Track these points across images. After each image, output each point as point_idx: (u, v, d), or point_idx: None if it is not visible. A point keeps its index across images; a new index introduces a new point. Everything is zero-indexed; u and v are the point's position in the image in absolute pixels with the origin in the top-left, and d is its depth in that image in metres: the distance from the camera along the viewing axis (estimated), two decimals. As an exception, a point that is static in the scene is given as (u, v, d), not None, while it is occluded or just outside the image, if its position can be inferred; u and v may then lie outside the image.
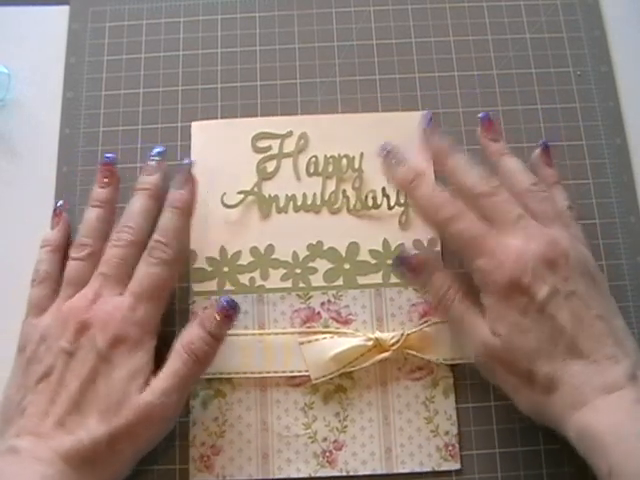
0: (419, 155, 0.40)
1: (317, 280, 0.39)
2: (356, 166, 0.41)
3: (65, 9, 0.45)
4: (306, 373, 0.37)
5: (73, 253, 0.37)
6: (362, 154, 0.41)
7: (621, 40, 0.44)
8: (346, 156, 0.41)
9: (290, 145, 0.41)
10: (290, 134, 0.42)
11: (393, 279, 0.39)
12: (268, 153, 0.41)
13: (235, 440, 0.37)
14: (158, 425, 0.34)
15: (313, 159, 0.41)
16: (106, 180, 0.38)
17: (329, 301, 0.39)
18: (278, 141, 0.41)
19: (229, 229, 0.40)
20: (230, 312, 0.35)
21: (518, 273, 0.32)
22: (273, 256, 0.39)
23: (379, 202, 0.40)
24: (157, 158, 0.39)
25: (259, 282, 0.39)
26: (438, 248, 0.39)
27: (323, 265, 0.39)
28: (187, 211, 0.38)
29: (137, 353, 0.33)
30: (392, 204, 0.40)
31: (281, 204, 0.40)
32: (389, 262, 0.39)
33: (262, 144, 0.41)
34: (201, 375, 0.35)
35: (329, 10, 0.45)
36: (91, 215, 0.37)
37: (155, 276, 0.35)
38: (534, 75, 0.43)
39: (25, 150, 0.42)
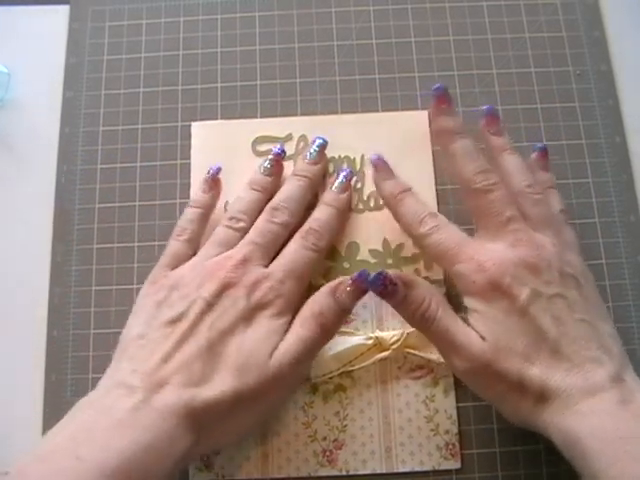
0: (419, 155, 0.40)
1: (317, 279, 0.39)
2: (357, 168, 0.41)
3: (65, 9, 0.45)
4: (306, 372, 0.37)
5: (227, 222, 0.37)
6: (363, 156, 0.41)
7: (620, 39, 0.44)
8: (347, 158, 0.41)
9: (290, 148, 0.41)
10: (290, 137, 0.42)
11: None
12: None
13: (235, 439, 0.37)
14: (280, 391, 0.34)
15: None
16: (273, 171, 0.39)
17: (329, 300, 0.39)
18: (278, 145, 0.41)
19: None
20: (363, 285, 0.34)
21: (498, 274, 0.32)
22: (273, 255, 0.39)
23: (381, 203, 0.40)
24: (317, 149, 0.39)
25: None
26: None
27: (323, 264, 0.39)
28: (341, 214, 0.39)
29: (277, 320, 0.33)
30: None
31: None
32: (389, 262, 0.39)
33: (262, 148, 0.41)
34: (324, 345, 0.35)
35: (328, 10, 0.45)
36: (251, 195, 0.38)
37: (307, 259, 0.36)
38: (534, 74, 0.43)
39: (25, 149, 0.42)
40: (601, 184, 0.41)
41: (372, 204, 0.40)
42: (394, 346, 0.37)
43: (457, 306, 0.34)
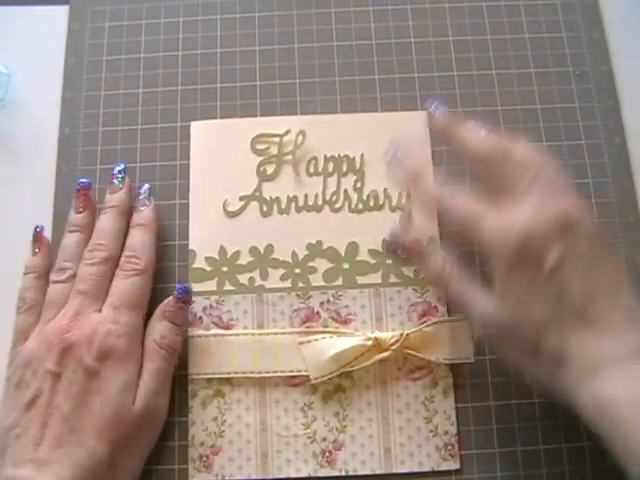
0: (419, 154, 0.40)
1: (316, 280, 0.39)
2: (357, 167, 0.41)
3: (65, 9, 0.45)
4: (305, 373, 0.37)
5: (54, 277, 0.37)
6: (362, 155, 0.41)
7: (620, 40, 0.44)
8: (346, 157, 0.41)
9: (289, 145, 0.41)
10: (288, 132, 0.41)
11: (392, 279, 0.39)
12: (268, 155, 0.41)
13: (234, 440, 0.36)
14: (154, 428, 0.35)
15: (313, 160, 0.41)
16: (82, 205, 0.39)
17: (328, 301, 0.39)
18: (277, 143, 0.41)
19: (228, 229, 0.40)
20: (187, 298, 0.37)
21: (524, 242, 0.31)
22: (272, 256, 0.39)
23: (381, 203, 0.40)
24: (120, 176, 0.39)
25: (258, 282, 0.39)
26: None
27: (322, 265, 0.39)
28: (151, 227, 0.38)
29: (127, 364, 0.34)
30: (394, 205, 0.40)
31: (283, 206, 0.40)
32: (389, 262, 0.39)
33: (261, 146, 0.41)
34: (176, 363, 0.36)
35: (328, 10, 0.45)
36: (71, 239, 0.38)
37: (130, 286, 0.36)
38: (533, 75, 0.43)
39: (24, 150, 0.42)
40: (601, 185, 0.41)
41: (372, 204, 0.40)
42: (393, 347, 0.36)
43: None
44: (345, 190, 0.41)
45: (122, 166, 0.40)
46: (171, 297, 0.36)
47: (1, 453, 0.33)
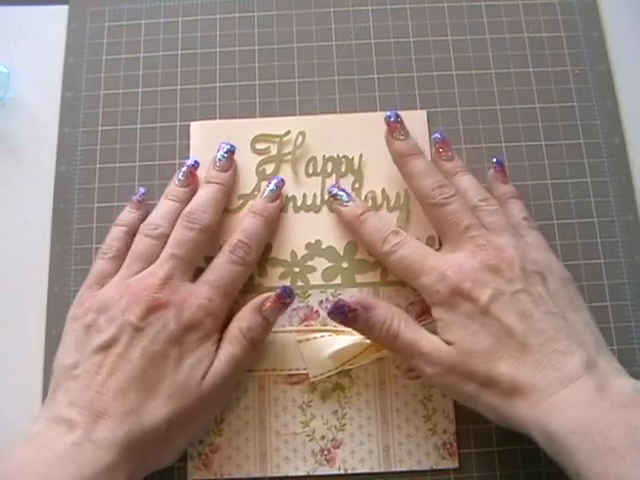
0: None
1: (315, 279, 0.39)
2: (355, 167, 0.41)
3: (64, 9, 0.45)
4: (304, 371, 0.37)
5: (145, 229, 0.37)
6: (361, 155, 0.41)
7: (619, 39, 0.44)
8: (345, 157, 0.41)
9: (288, 145, 0.41)
10: (288, 134, 0.42)
11: (391, 277, 0.39)
12: (267, 155, 0.41)
13: (233, 438, 0.37)
14: (213, 408, 0.35)
15: (312, 161, 0.41)
16: (187, 181, 0.38)
17: (327, 299, 0.39)
18: (277, 143, 0.41)
19: (228, 228, 0.40)
20: (287, 299, 0.35)
21: (458, 280, 0.32)
22: (271, 254, 0.39)
23: (379, 203, 0.40)
24: (226, 155, 0.39)
25: (257, 280, 0.39)
26: (437, 246, 0.39)
27: (321, 264, 0.39)
28: (271, 222, 0.38)
29: (207, 342, 0.34)
30: (392, 206, 0.40)
31: (281, 205, 0.40)
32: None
33: (261, 146, 0.41)
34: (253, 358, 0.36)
35: (327, 10, 0.45)
36: (167, 205, 0.38)
37: (234, 273, 0.36)
38: (532, 74, 0.43)
39: (24, 149, 0.43)
40: (599, 184, 0.41)
41: (370, 204, 0.40)
42: (392, 345, 0.37)
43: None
44: (344, 190, 0.41)
45: (231, 146, 0.39)
46: (273, 294, 0.35)
47: (53, 387, 0.33)
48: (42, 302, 0.39)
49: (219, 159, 0.39)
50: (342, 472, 0.36)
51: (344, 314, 0.33)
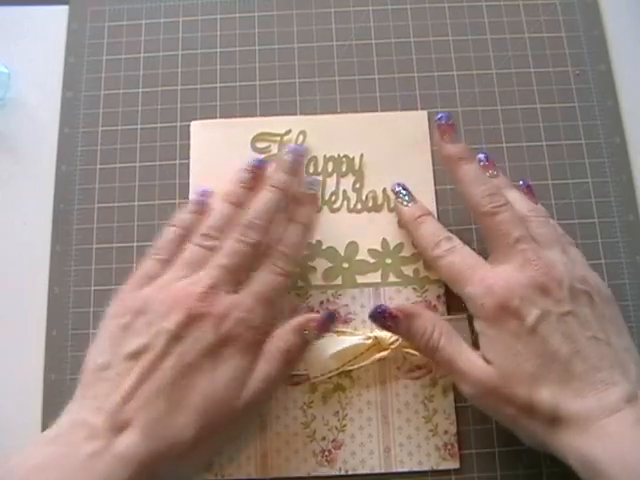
0: (418, 155, 0.40)
1: (316, 279, 0.39)
2: (356, 167, 0.41)
3: (64, 9, 0.45)
4: (305, 372, 0.37)
5: (200, 240, 0.35)
6: (362, 155, 0.41)
7: (620, 39, 0.44)
8: (346, 157, 0.41)
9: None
10: (289, 133, 0.42)
11: (392, 278, 0.39)
12: (268, 154, 0.41)
13: (234, 439, 0.37)
14: (243, 427, 0.34)
15: (313, 160, 0.41)
16: (252, 183, 0.37)
17: (328, 300, 0.39)
18: (277, 142, 0.41)
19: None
20: (329, 325, 0.35)
21: (506, 297, 0.32)
22: (272, 255, 0.39)
23: (379, 203, 0.40)
24: (291, 156, 0.38)
25: (258, 281, 0.39)
26: None
27: (322, 264, 0.39)
28: (311, 228, 0.38)
29: (246, 357, 0.32)
30: (392, 206, 0.40)
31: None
32: (388, 261, 0.39)
33: (261, 145, 0.41)
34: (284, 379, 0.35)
35: (328, 10, 0.45)
36: (226, 209, 0.36)
37: (277, 284, 0.35)
38: (533, 74, 0.43)
39: (24, 149, 0.42)
40: (600, 184, 0.41)
41: (370, 204, 0.40)
42: (393, 346, 0.36)
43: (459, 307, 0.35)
44: (344, 191, 0.41)
45: (300, 147, 0.39)
46: (317, 316, 0.35)
47: (83, 384, 0.32)
48: (42, 302, 0.39)
49: (289, 162, 0.37)
50: (343, 473, 0.36)
51: (384, 319, 0.33)
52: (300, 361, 0.35)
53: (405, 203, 0.39)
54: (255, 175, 0.37)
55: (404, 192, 0.39)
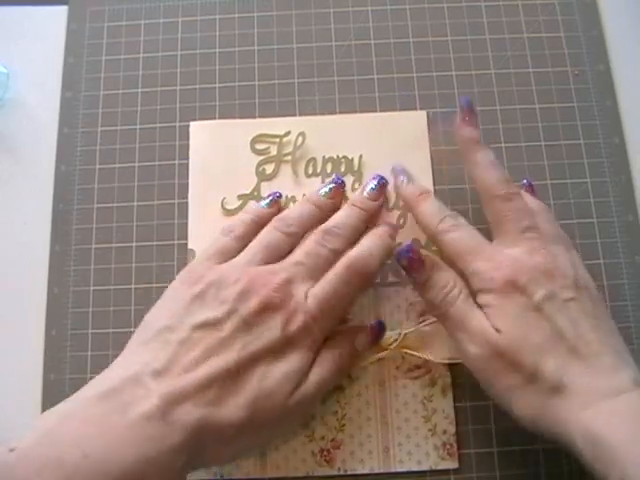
0: (417, 155, 0.40)
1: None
2: (355, 168, 0.41)
3: (64, 9, 0.45)
4: (304, 372, 0.37)
5: (279, 224, 0.36)
6: (361, 156, 0.41)
7: (619, 39, 0.44)
8: (345, 157, 0.41)
9: (288, 146, 0.41)
10: (288, 134, 0.42)
11: (391, 278, 0.39)
12: (267, 155, 0.41)
13: (233, 439, 0.37)
14: (289, 425, 0.35)
15: (312, 161, 0.41)
16: (332, 195, 0.39)
17: (327, 300, 0.39)
18: (276, 143, 0.41)
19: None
20: (380, 333, 0.36)
21: (515, 273, 0.32)
22: (271, 255, 0.39)
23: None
24: (378, 185, 0.39)
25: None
26: (434, 247, 0.39)
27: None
28: (388, 248, 0.37)
29: (302, 359, 0.33)
30: (391, 206, 0.40)
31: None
32: (388, 261, 0.39)
33: (261, 146, 0.41)
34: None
35: (327, 10, 0.45)
36: (307, 210, 0.37)
37: (347, 296, 0.35)
38: (532, 74, 0.43)
39: (23, 149, 0.42)
40: (599, 184, 0.41)
41: (370, 204, 0.40)
42: (392, 346, 0.37)
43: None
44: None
45: (382, 180, 0.39)
46: (367, 326, 0.36)
47: (139, 342, 0.32)
48: (42, 302, 0.39)
49: (372, 187, 0.39)
50: (342, 473, 0.36)
51: (410, 260, 0.34)
52: (351, 368, 0.36)
53: (406, 183, 0.38)
54: (337, 189, 0.39)
55: (403, 177, 0.39)
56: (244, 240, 0.36)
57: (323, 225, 0.36)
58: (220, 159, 0.41)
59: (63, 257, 0.40)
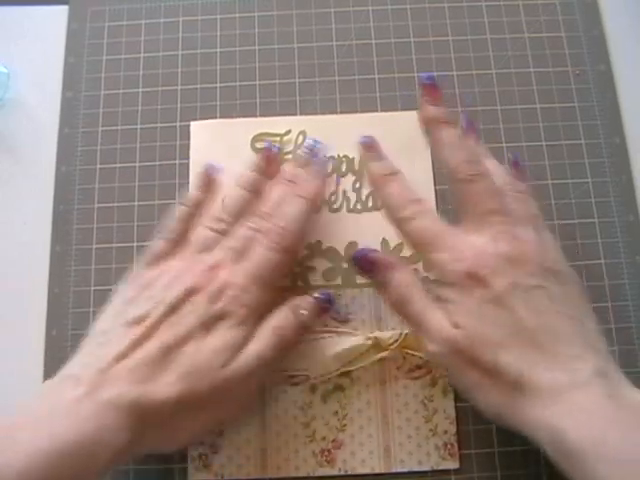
0: (418, 155, 0.40)
1: (316, 279, 0.39)
2: (356, 167, 0.41)
3: (64, 9, 0.45)
4: (305, 372, 0.37)
5: (211, 222, 0.36)
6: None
7: (619, 39, 0.44)
8: (345, 157, 0.41)
9: (289, 145, 0.41)
10: (289, 133, 0.42)
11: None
12: (267, 154, 0.41)
13: (234, 439, 0.36)
14: (229, 404, 0.34)
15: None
16: (265, 169, 0.38)
17: (328, 300, 0.39)
18: (277, 142, 0.41)
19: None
20: (326, 305, 0.36)
21: (476, 264, 0.31)
22: (272, 255, 0.39)
23: (379, 203, 0.40)
24: (307, 151, 0.38)
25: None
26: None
27: (322, 264, 0.39)
28: (313, 203, 0.36)
29: (237, 331, 0.33)
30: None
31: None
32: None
33: (261, 145, 0.41)
34: (280, 360, 0.35)
35: (328, 10, 0.45)
36: (240, 195, 0.37)
37: (272, 262, 0.34)
38: (533, 74, 0.43)
39: (24, 149, 0.42)
40: (600, 184, 0.41)
41: (370, 204, 0.40)
42: (393, 346, 0.37)
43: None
44: (344, 191, 0.41)
45: (316, 143, 0.38)
46: (312, 298, 0.36)
47: (79, 349, 0.33)
48: (42, 302, 0.39)
49: (298, 153, 0.38)
50: (342, 473, 0.36)
51: (363, 263, 0.34)
52: (294, 344, 0.35)
53: (376, 159, 0.37)
54: (265, 160, 0.38)
55: (374, 152, 0.37)
56: (176, 240, 0.36)
57: (258, 211, 0.36)
58: (221, 159, 0.41)
59: (64, 257, 0.40)
